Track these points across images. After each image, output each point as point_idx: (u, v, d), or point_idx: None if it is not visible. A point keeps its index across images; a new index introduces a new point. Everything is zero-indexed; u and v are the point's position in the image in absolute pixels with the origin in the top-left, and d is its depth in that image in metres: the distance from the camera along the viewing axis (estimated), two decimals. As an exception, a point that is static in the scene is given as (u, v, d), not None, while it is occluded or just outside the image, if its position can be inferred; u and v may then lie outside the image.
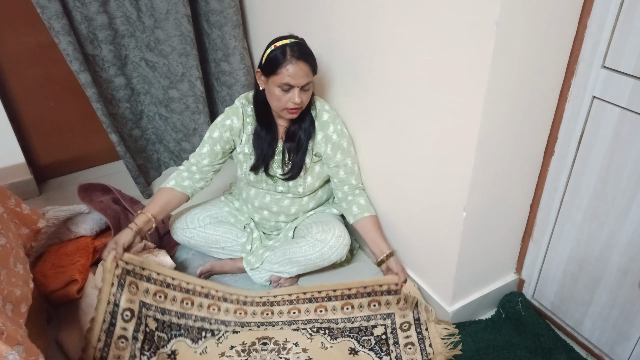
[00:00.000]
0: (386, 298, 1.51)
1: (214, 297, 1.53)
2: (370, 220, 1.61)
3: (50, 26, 1.71)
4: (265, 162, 1.60)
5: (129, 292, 1.42)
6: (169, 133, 2.24)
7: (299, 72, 1.41)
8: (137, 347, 1.37)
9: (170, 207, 1.62)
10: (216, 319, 1.51)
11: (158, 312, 1.46)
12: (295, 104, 1.44)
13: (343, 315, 1.52)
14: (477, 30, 1.05)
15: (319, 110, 1.59)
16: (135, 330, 1.39)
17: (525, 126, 1.24)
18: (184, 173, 1.65)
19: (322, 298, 1.54)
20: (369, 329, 1.49)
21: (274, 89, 1.45)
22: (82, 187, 1.80)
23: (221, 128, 1.61)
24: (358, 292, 1.52)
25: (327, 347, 1.44)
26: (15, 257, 1.13)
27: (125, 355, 1.35)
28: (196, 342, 1.46)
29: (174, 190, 1.62)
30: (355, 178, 1.65)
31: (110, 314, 1.38)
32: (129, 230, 1.49)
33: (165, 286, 1.49)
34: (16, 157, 2.10)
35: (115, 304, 1.40)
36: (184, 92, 2.07)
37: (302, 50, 1.44)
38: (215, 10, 1.95)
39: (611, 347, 1.35)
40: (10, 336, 0.90)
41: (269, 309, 1.55)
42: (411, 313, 1.50)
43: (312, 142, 1.59)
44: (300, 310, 1.54)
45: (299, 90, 1.43)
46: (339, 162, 1.61)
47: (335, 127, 1.58)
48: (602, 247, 1.28)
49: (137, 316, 1.41)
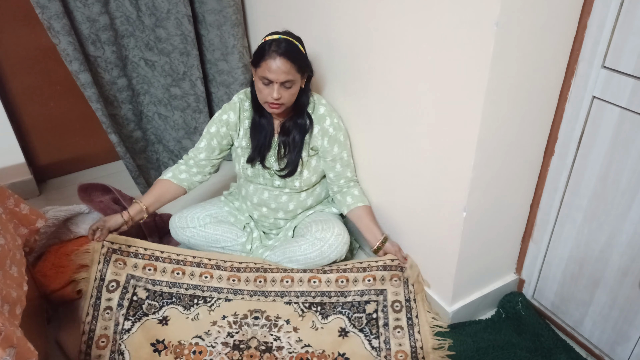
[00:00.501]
0: (381, 274, 1.55)
1: (207, 265, 1.59)
2: (363, 209, 1.64)
3: (50, 26, 1.70)
4: (262, 154, 1.62)
5: (115, 267, 1.50)
6: (169, 132, 2.24)
7: (278, 69, 1.43)
8: (122, 314, 1.43)
9: (165, 199, 1.68)
10: (208, 286, 1.55)
11: (149, 284, 1.51)
12: (274, 99, 1.46)
13: (337, 288, 1.55)
14: (477, 30, 1.05)
15: (315, 104, 1.61)
16: (121, 298, 1.46)
17: (525, 126, 1.24)
18: (182, 166, 1.70)
19: (317, 269, 1.58)
20: (361, 304, 1.51)
21: (258, 81, 1.48)
22: (82, 187, 1.80)
23: (218, 123, 1.65)
24: (354, 266, 1.57)
25: (317, 327, 1.48)
26: (11, 259, 1.13)
27: (111, 325, 1.42)
28: (188, 308, 1.50)
29: (169, 182, 1.68)
30: (350, 170, 1.67)
31: (96, 289, 1.47)
32: (118, 216, 1.59)
33: (154, 259, 1.55)
34: (16, 157, 2.11)
35: (101, 279, 1.48)
36: (186, 91, 2.08)
37: (287, 47, 1.44)
38: (213, 9, 1.95)
39: (611, 347, 1.35)
40: (6, 337, 0.90)
41: (262, 275, 1.58)
42: (402, 292, 1.52)
43: (309, 136, 1.61)
44: (293, 279, 1.57)
45: (278, 86, 1.45)
46: (336, 155, 1.62)
47: (331, 120, 1.60)
48: (602, 247, 1.28)
49: (123, 286, 1.48)
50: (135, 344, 1.39)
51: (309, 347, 1.43)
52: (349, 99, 1.61)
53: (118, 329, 1.41)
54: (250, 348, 1.42)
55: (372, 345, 1.43)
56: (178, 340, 1.41)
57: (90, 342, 1.39)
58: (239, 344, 1.43)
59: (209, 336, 1.43)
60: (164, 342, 1.40)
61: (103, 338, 1.40)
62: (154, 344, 1.39)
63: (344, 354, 1.41)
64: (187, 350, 1.39)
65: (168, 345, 1.40)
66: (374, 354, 1.41)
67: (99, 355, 1.36)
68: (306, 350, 1.42)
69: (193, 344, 1.41)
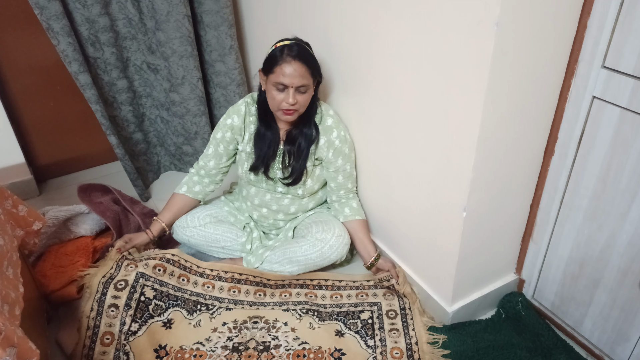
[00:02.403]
0: (373, 291, 1.60)
1: (209, 276, 1.62)
2: (360, 222, 1.66)
3: (49, 27, 1.69)
4: (265, 164, 1.60)
5: (125, 270, 1.53)
6: (170, 137, 2.23)
7: (294, 72, 1.41)
8: (129, 314, 1.45)
9: (182, 213, 1.74)
10: (210, 295, 1.58)
11: (156, 284, 1.53)
12: (289, 104, 1.44)
13: (332, 301, 1.58)
14: (477, 30, 1.05)
15: (323, 115, 1.59)
16: (129, 298, 1.48)
17: (525, 126, 1.24)
18: (195, 177, 1.73)
19: (313, 285, 1.62)
20: (356, 313, 1.54)
21: (271, 87, 1.46)
22: (82, 187, 1.80)
23: (223, 128, 1.64)
24: (347, 284, 1.63)
25: (315, 327, 1.49)
26: (8, 260, 1.13)
27: (116, 323, 1.43)
28: (191, 313, 1.52)
29: (186, 197, 1.72)
30: (352, 182, 1.67)
31: (103, 285, 1.50)
32: (146, 236, 1.66)
33: (165, 261, 1.58)
34: (16, 157, 2.10)
35: (110, 278, 1.51)
36: (185, 96, 2.06)
37: (300, 51, 1.44)
38: (211, 10, 1.94)
39: (611, 347, 1.35)
40: (7, 337, 0.90)
41: (262, 289, 1.61)
42: (397, 302, 1.55)
43: (315, 146, 1.60)
44: (291, 293, 1.60)
45: (294, 91, 1.44)
46: (339, 167, 1.62)
47: (338, 132, 1.58)
48: (602, 247, 1.28)
49: (132, 285, 1.50)
50: (140, 348, 1.40)
51: (305, 344, 1.44)
52: (349, 99, 1.61)
53: (124, 328, 1.43)
54: (249, 349, 1.43)
55: (367, 344, 1.45)
56: (180, 346, 1.43)
57: (95, 338, 1.40)
58: (238, 345, 1.44)
59: (209, 342, 1.45)
60: (165, 347, 1.42)
61: (108, 335, 1.41)
62: (156, 350, 1.41)
63: (340, 349, 1.43)
64: (187, 354, 1.41)
65: (170, 351, 1.42)
66: (370, 351, 1.43)
67: (104, 351, 1.38)
68: (303, 347, 1.43)
69: (194, 349, 1.43)
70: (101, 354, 1.37)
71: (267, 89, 1.48)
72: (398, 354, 1.41)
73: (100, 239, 1.77)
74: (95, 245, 1.72)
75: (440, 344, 1.43)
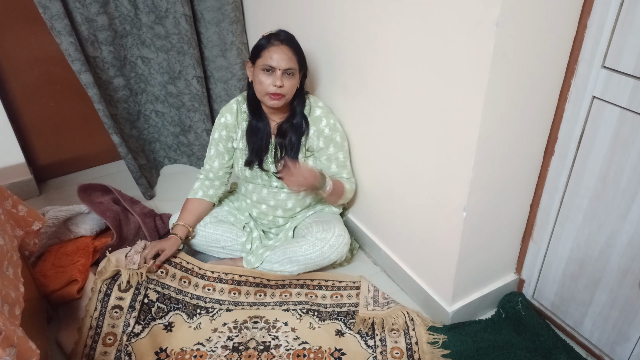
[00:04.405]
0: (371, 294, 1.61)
1: (210, 278, 1.63)
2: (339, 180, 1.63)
3: (52, 26, 1.71)
4: (259, 157, 1.63)
5: (130, 275, 1.53)
6: (167, 127, 2.26)
7: (282, 54, 1.46)
8: (133, 316, 1.46)
9: (203, 216, 1.74)
10: (211, 298, 1.58)
11: (159, 286, 1.54)
12: (277, 87, 1.47)
13: (332, 301, 1.59)
14: (477, 30, 1.05)
15: (312, 106, 1.62)
16: (133, 300, 1.48)
17: (525, 126, 1.24)
18: (206, 182, 1.74)
19: (313, 286, 1.63)
20: (357, 313, 1.54)
21: (258, 72, 1.50)
22: (82, 187, 1.80)
23: (218, 128, 1.67)
24: (347, 285, 1.64)
25: (315, 327, 1.50)
26: (9, 260, 1.13)
27: (120, 324, 1.44)
28: (191, 317, 1.52)
29: (204, 201, 1.73)
30: (346, 172, 1.68)
31: (106, 285, 1.50)
32: (179, 241, 1.62)
33: (167, 262, 1.59)
34: (16, 157, 2.10)
35: (114, 279, 1.51)
36: (181, 90, 2.11)
37: (288, 36, 1.51)
38: (212, 7, 1.96)
39: (611, 347, 1.35)
40: (7, 336, 0.90)
41: (262, 290, 1.62)
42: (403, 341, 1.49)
43: (305, 137, 1.62)
44: (291, 293, 1.61)
45: (281, 74, 1.47)
46: (331, 155, 1.62)
47: (327, 121, 1.61)
48: (602, 247, 1.28)
49: (135, 287, 1.51)
50: (142, 349, 1.41)
51: (305, 344, 1.45)
52: (349, 98, 1.61)
53: (127, 330, 1.43)
54: (249, 349, 1.43)
55: (367, 344, 1.45)
56: (180, 348, 1.44)
57: (97, 338, 1.41)
58: (238, 345, 1.44)
59: (209, 342, 1.46)
60: (166, 350, 1.43)
61: (110, 335, 1.42)
62: (157, 352, 1.41)
63: (340, 349, 1.43)
64: (188, 355, 1.42)
65: (170, 353, 1.42)
66: (370, 351, 1.43)
67: (105, 352, 1.39)
68: (303, 347, 1.44)
69: (194, 349, 1.43)
70: (102, 354, 1.38)
71: (255, 76, 1.52)
72: (398, 354, 1.42)
73: (100, 239, 1.77)
74: (95, 245, 1.72)
75: (440, 344, 1.44)
